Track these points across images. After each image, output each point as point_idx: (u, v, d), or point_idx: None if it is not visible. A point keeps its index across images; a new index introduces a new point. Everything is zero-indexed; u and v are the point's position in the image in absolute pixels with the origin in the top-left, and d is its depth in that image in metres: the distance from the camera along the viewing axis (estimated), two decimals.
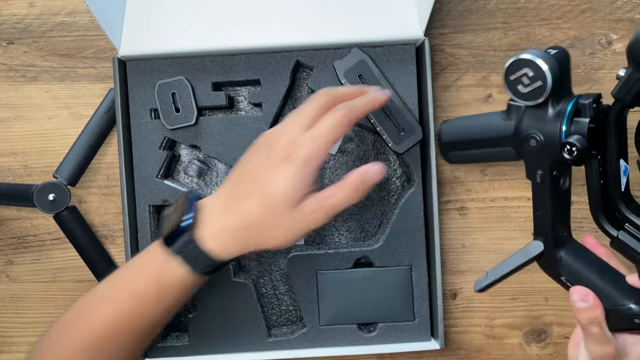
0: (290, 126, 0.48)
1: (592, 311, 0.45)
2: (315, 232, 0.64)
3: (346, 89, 0.51)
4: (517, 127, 0.48)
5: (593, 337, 0.45)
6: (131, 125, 0.61)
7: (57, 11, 0.64)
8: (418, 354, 0.65)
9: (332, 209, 0.47)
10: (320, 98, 0.49)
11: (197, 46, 0.60)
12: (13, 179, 0.64)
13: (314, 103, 0.49)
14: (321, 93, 0.50)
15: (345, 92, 0.51)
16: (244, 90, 0.64)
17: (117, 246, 0.65)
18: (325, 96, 0.49)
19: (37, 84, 0.65)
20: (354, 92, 0.51)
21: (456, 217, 0.65)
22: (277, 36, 0.60)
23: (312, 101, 0.49)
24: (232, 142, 0.62)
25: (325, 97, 0.49)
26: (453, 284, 0.65)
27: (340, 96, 0.50)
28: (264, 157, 0.48)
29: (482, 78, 0.65)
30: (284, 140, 0.47)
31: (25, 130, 0.65)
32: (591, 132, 0.44)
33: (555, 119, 0.45)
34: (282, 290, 0.64)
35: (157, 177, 0.61)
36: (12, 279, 0.65)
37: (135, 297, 0.49)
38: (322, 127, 0.47)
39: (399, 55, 0.61)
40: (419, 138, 0.60)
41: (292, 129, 0.47)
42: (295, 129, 0.47)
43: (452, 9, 0.65)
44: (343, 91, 0.51)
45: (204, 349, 0.61)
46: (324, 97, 0.49)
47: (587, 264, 0.50)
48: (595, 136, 0.44)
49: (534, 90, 0.44)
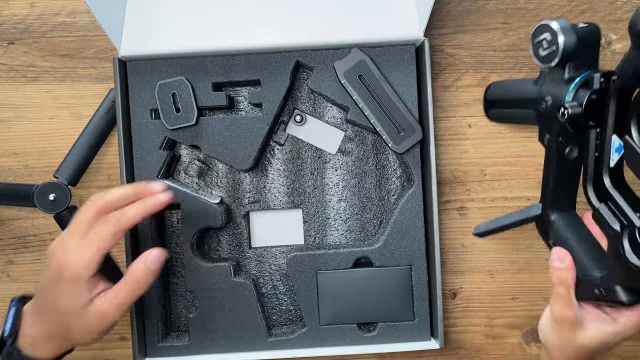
0: (66, 237, 0.49)
1: (565, 272, 0.48)
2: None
3: (119, 193, 0.50)
4: (539, 91, 0.52)
5: (559, 298, 0.48)
6: (132, 125, 0.62)
7: (58, 11, 0.65)
8: (418, 353, 0.65)
9: (121, 306, 0.49)
10: (91, 207, 0.49)
11: (197, 46, 0.60)
12: (14, 179, 0.65)
13: (86, 211, 0.49)
14: (93, 200, 0.50)
15: (119, 196, 0.50)
16: (244, 91, 0.64)
17: (118, 246, 0.64)
18: (95, 205, 0.49)
19: (37, 84, 0.65)
20: (127, 195, 0.50)
21: (456, 217, 0.65)
22: (277, 36, 0.60)
23: (85, 209, 0.49)
24: (232, 142, 0.62)
25: (95, 207, 0.49)
26: (453, 284, 0.65)
27: (113, 202, 0.50)
28: (48, 271, 0.49)
29: (481, 78, 0.65)
30: (59, 253, 0.48)
31: (26, 131, 0.65)
32: (590, 103, 0.46)
33: (566, 86, 0.48)
34: (282, 290, 0.64)
35: (157, 177, 0.62)
36: (13, 279, 0.65)
37: None
38: (92, 239, 0.48)
39: (399, 56, 0.61)
40: (418, 138, 0.60)
41: (68, 239, 0.48)
42: (70, 239, 0.48)
43: (452, 10, 0.65)
44: (116, 196, 0.50)
45: (204, 348, 0.62)
46: (94, 206, 0.49)
47: (576, 234, 0.52)
48: (596, 109, 0.46)
49: (549, 54, 0.47)
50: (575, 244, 0.51)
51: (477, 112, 0.65)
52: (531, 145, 0.64)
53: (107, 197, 0.49)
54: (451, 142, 0.65)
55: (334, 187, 0.64)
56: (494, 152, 0.65)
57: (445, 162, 0.65)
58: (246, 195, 0.64)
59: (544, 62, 0.48)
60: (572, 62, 0.48)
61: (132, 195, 0.50)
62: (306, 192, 0.64)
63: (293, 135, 0.65)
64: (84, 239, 0.48)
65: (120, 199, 0.50)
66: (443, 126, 0.65)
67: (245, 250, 0.65)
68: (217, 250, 0.65)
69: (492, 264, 0.65)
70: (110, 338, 0.65)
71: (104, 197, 0.49)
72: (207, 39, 0.60)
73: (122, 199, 0.50)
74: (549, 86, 0.51)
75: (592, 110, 0.46)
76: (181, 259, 0.64)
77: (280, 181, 0.64)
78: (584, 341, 0.48)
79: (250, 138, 0.62)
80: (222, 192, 0.64)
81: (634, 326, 0.47)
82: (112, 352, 0.65)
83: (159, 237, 0.63)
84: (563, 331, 0.49)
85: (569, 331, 0.48)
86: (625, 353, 0.65)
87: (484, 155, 0.65)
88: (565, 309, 0.48)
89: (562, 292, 0.48)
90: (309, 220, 0.64)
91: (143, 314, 0.61)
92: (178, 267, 0.64)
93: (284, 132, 0.64)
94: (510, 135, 0.65)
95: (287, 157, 0.65)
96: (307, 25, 0.60)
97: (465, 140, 0.65)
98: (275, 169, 0.65)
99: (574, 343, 0.48)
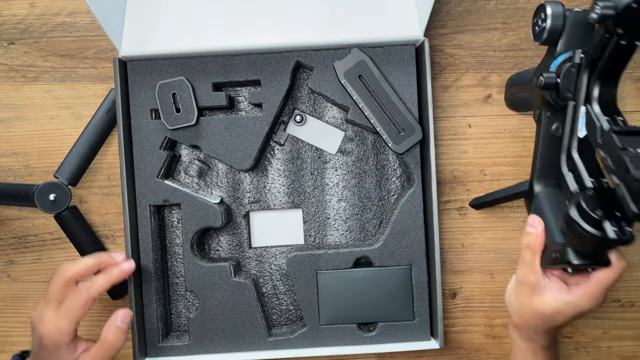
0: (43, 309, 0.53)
1: (533, 238, 0.51)
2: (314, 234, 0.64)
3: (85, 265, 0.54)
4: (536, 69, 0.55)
5: (524, 262, 0.51)
6: (132, 125, 0.62)
7: (58, 12, 0.65)
8: (418, 353, 0.65)
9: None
10: (60, 279, 0.53)
11: (197, 47, 0.60)
12: (14, 179, 0.65)
13: (56, 283, 0.53)
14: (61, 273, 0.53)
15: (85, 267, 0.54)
16: (244, 91, 0.64)
17: (118, 246, 0.65)
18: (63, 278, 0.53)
19: (38, 84, 0.65)
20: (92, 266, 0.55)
21: (456, 217, 0.65)
22: (277, 36, 0.60)
23: (55, 281, 0.53)
24: (233, 142, 0.62)
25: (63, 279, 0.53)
26: (453, 284, 0.65)
27: (80, 274, 0.53)
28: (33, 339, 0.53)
29: (481, 78, 0.65)
30: (38, 324, 0.52)
31: (26, 131, 0.65)
32: (569, 75, 0.50)
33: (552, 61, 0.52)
34: (282, 290, 0.65)
35: (157, 177, 0.62)
36: (13, 279, 0.65)
37: None
38: (66, 310, 0.52)
39: (399, 56, 0.61)
40: (418, 138, 0.60)
41: (45, 311, 0.52)
42: (47, 311, 0.52)
43: (452, 10, 0.65)
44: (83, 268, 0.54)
45: (204, 348, 0.62)
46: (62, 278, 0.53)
47: (552, 205, 0.54)
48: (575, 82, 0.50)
49: (540, 31, 0.52)
50: (549, 213, 0.53)
51: (477, 112, 0.65)
52: (531, 145, 0.64)
53: (74, 269, 0.53)
54: (451, 142, 0.65)
55: (334, 187, 0.65)
56: (494, 152, 0.65)
57: (445, 162, 0.65)
58: (246, 195, 0.64)
59: (535, 39, 0.53)
60: (563, 41, 0.51)
61: (97, 267, 0.55)
62: (306, 192, 0.64)
63: (293, 135, 0.65)
64: (58, 310, 0.52)
65: (86, 270, 0.54)
66: (443, 126, 0.65)
67: (245, 250, 0.65)
68: (217, 250, 0.65)
69: (492, 264, 0.65)
70: None
71: (71, 269, 0.53)
72: (207, 39, 0.60)
73: (88, 270, 0.54)
74: (542, 64, 0.54)
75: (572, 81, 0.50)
76: (181, 259, 0.64)
77: (280, 181, 0.65)
78: (539, 306, 0.50)
79: (250, 138, 0.62)
80: (222, 192, 0.64)
81: (587, 297, 0.49)
82: None
83: (159, 237, 0.63)
84: (523, 295, 0.51)
85: (529, 296, 0.51)
86: (625, 353, 0.65)
87: (483, 155, 0.65)
88: (528, 273, 0.51)
89: (527, 257, 0.51)
90: (309, 220, 0.64)
91: (143, 313, 0.62)
92: (178, 267, 0.64)
93: (284, 132, 0.64)
94: (510, 135, 0.65)
95: (287, 157, 0.65)
96: (307, 25, 0.60)
97: (465, 140, 0.65)
98: (275, 169, 0.65)
99: (530, 307, 0.51)
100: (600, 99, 0.49)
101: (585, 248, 0.48)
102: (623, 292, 0.65)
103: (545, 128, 0.55)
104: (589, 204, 0.46)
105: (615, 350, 0.65)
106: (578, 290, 0.49)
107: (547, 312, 0.50)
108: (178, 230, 0.64)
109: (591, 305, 0.49)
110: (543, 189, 0.56)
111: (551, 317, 0.50)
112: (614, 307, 0.65)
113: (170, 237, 0.64)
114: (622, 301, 0.65)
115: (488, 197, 0.63)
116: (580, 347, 0.65)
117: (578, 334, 0.65)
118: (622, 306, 0.65)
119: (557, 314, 0.50)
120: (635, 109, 0.65)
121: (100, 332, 0.53)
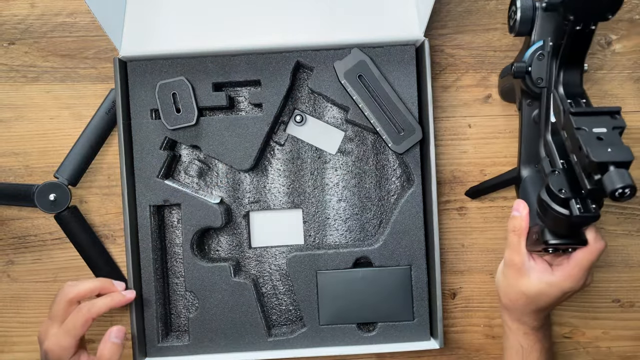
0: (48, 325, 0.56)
1: (519, 221, 0.53)
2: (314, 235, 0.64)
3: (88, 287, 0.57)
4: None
5: (510, 244, 0.53)
6: (132, 125, 0.62)
7: (58, 12, 0.65)
8: (417, 353, 0.65)
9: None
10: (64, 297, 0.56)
11: (197, 47, 0.60)
12: (14, 179, 0.65)
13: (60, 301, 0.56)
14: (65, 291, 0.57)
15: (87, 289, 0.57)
16: (244, 91, 0.64)
17: (118, 246, 0.65)
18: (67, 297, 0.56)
19: (38, 85, 0.65)
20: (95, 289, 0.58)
21: (455, 217, 0.65)
22: (277, 36, 0.60)
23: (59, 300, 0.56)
24: (233, 142, 0.62)
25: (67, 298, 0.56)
26: (452, 284, 0.65)
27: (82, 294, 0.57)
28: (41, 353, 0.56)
29: (481, 78, 0.65)
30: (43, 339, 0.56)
31: (26, 131, 0.65)
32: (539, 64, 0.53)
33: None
34: (282, 290, 0.65)
35: (157, 177, 0.62)
36: (13, 279, 0.65)
37: None
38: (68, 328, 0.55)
39: (399, 56, 0.61)
40: (418, 138, 0.60)
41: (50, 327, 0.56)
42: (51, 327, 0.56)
43: (452, 10, 0.65)
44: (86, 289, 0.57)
45: (204, 348, 0.62)
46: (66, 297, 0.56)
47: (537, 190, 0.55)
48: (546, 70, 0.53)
49: (513, 24, 0.55)
50: (533, 197, 0.55)
51: (477, 112, 0.65)
52: None
53: (76, 289, 0.57)
54: (451, 142, 0.65)
55: (334, 187, 0.65)
56: (493, 152, 0.65)
57: (445, 162, 0.65)
58: (246, 195, 0.64)
59: (510, 31, 0.56)
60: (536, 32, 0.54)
61: (98, 290, 0.59)
62: (306, 192, 0.64)
63: (293, 135, 0.65)
64: (61, 328, 0.55)
65: (88, 292, 0.57)
66: (443, 126, 0.65)
67: (245, 250, 0.65)
68: (217, 250, 0.65)
69: (492, 264, 0.65)
70: None
71: (74, 290, 0.57)
72: (207, 39, 0.60)
73: (90, 292, 0.58)
74: (519, 54, 0.57)
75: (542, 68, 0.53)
76: (181, 259, 0.64)
77: (280, 181, 0.65)
78: (523, 286, 0.52)
79: (250, 138, 0.62)
80: (222, 192, 0.64)
81: (568, 277, 0.50)
82: None
83: (159, 237, 0.63)
84: (510, 276, 0.53)
85: (514, 277, 0.53)
86: (625, 353, 0.65)
87: (483, 155, 0.65)
88: (514, 255, 0.53)
89: (513, 240, 0.53)
90: (309, 220, 0.64)
91: (143, 313, 0.62)
92: (178, 267, 0.64)
93: (284, 132, 0.64)
94: (510, 135, 0.65)
95: (287, 157, 0.65)
96: (307, 25, 0.60)
97: (465, 140, 0.65)
98: (275, 169, 0.65)
99: (516, 288, 0.53)
100: (565, 83, 0.52)
101: (559, 227, 0.50)
102: (623, 293, 0.65)
103: (526, 115, 0.57)
104: (554, 184, 0.48)
105: (615, 350, 0.65)
106: (560, 271, 0.51)
107: (532, 293, 0.52)
108: (178, 230, 0.64)
109: (572, 285, 0.51)
110: (528, 174, 0.58)
111: (536, 297, 0.52)
112: (614, 307, 0.65)
113: (170, 237, 0.64)
114: (622, 301, 0.65)
115: (482, 185, 0.64)
116: (580, 347, 0.65)
117: (578, 334, 0.65)
118: (622, 306, 0.65)
119: (541, 294, 0.51)
120: (635, 109, 0.65)
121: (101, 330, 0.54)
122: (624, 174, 0.42)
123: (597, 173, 0.44)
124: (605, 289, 0.65)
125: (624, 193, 0.42)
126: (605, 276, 0.65)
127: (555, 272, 0.51)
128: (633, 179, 0.42)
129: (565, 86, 0.52)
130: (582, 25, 0.48)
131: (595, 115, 0.47)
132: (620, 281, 0.65)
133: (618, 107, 0.48)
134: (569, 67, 0.52)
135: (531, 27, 0.54)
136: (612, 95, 0.65)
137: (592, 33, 0.49)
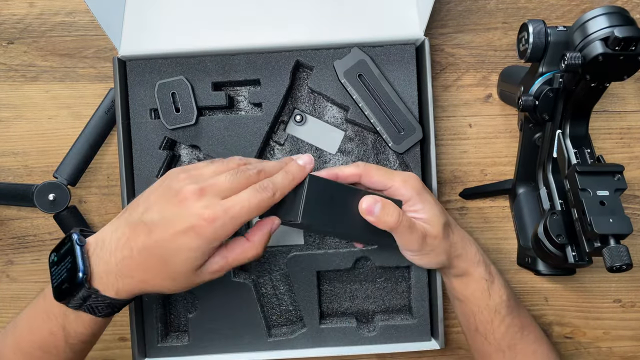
0: (211, 189, 0.44)
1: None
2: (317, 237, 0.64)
3: (274, 164, 0.48)
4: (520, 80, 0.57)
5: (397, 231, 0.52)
6: (131, 125, 0.61)
7: (57, 11, 0.64)
8: (418, 353, 0.65)
9: (235, 265, 0.47)
10: (249, 170, 0.46)
11: (197, 46, 0.60)
12: (13, 178, 0.64)
13: (242, 175, 0.45)
14: (252, 166, 0.47)
15: (273, 167, 0.48)
16: (244, 90, 0.64)
17: None
18: (252, 170, 0.46)
19: (37, 84, 0.65)
20: (278, 167, 0.48)
21: (456, 217, 0.65)
22: (277, 36, 0.60)
23: (241, 173, 0.46)
24: (232, 142, 0.62)
25: (250, 172, 0.46)
26: None
27: (268, 170, 0.47)
28: (175, 207, 0.43)
29: (482, 78, 0.65)
30: (201, 201, 0.43)
31: (25, 130, 0.65)
32: (547, 99, 0.53)
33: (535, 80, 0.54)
34: (282, 290, 0.64)
35: (157, 176, 0.61)
36: (13, 279, 0.65)
37: (45, 350, 0.48)
38: (240, 206, 0.44)
39: (399, 55, 0.61)
40: (418, 138, 0.60)
41: (212, 191, 0.44)
42: (214, 195, 0.44)
43: (452, 9, 0.65)
44: (271, 166, 0.48)
45: (204, 349, 0.61)
46: (250, 170, 0.46)
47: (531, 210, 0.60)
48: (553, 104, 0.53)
49: (523, 50, 0.53)
50: (527, 214, 0.59)
51: (478, 111, 0.65)
52: None
53: (260, 166, 0.46)
54: (451, 142, 0.65)
55: None
56: (494, 152, 0.65)
57: (445, 162, 0.65)
58: None
59: (520, 56, 0.54)
60: (546, 61, 0.53)
61: (278, 168, 0.48)
62: None
63: (293, 135, 0.64)
64: (231, 202, 0.43)
65: (274, 169, 0.47)
66: (443, 126, 0.65)
67: None
68: None
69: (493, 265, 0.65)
70: (110, 338, 0.65)
71: (258, 166, 0.47)
72: (206, 38, 0.60)
73: (275, 169, 0.48)
74: (526, 77, 0.56)
75: (549, 105, 0.53)
76: None
77: None
78: (425, 230, 0.52)
79: (250, 138, 0.62)
80: None
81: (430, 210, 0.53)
82: (112, 352, 0.65)
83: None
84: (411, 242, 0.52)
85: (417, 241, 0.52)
86: (626, 354, 0.65)
87: (484, 155, 0.65)
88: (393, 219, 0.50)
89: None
90: None
91: (143, 314, 0.61)
92: None
93: (284, 132, 0.64)
94: (510, 135, 0.65)
95: None
96: (307, 25, 0.60)
97: (466, 140, 0.65)
98: None
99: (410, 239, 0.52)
100: (572, 129, 0.52)
101: (551, 261, 0.55)
102: (624, 293, 0.65)
103: (527, 136, 0.58)
104: (553, 228, 0.51)
105: (615, 350, 0.65)
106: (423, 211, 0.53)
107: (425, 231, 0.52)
108: None
109: (437, 212, 0.53)
110: (524, 190, 0.60)
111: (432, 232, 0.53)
112: (614, 307, 0.65)
113: None
114: (623, 302, 0.65)
115: (477, 189, 0.64)
116: (581, 348, 0.65)
117: (579, 335, 0.65)
118: (622, 307, 0.65)
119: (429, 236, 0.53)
120: (635, 109, 0.65)
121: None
122: (623, 253, 0.45)
123: (597, 241, 0.46)
124: (607, 289, 0.65)
125: (621, 268, 0.45)
126: (606, 276, 0.65)
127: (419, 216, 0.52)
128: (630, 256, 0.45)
129: (572, 132, 0.52)
130: (598, 82, 0.48)
131: (599, 175, 0.48)
132: (621, 281, 0.65)
133: (621, 166, 0.49)
134: (578, 116, 0.52)
135: (542, 55, 0.52)
136: (613, 95, 0.65)
137: (605, 88, 0.49)
